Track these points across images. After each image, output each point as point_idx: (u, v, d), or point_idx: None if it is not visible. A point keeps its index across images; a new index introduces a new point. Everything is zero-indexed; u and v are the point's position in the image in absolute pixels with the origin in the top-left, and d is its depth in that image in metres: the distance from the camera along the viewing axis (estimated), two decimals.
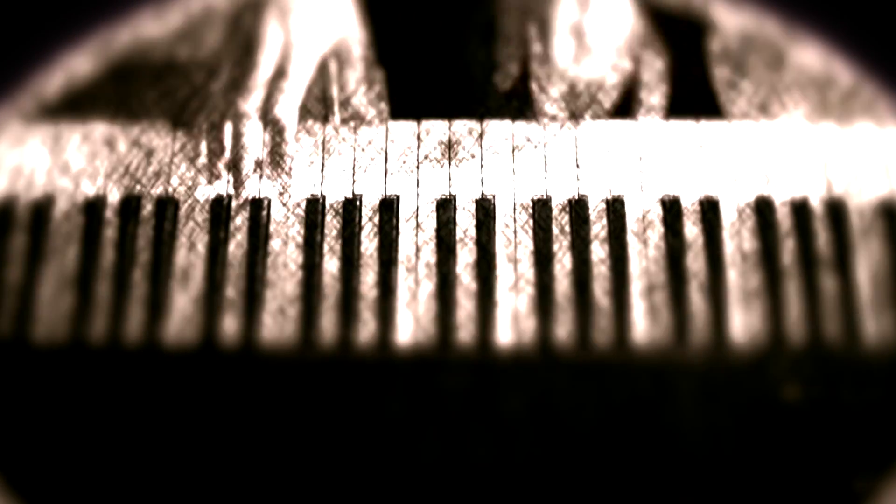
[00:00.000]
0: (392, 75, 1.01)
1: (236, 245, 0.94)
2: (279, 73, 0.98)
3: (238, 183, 0.96)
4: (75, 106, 1.00)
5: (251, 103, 0.98)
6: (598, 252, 0.93)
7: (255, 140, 0.97)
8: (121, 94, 1.00)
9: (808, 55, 1.01)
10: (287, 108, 0.97)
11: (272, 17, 1.00)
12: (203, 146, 0.97)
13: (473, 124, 0.98)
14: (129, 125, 0.99)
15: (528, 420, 0.89)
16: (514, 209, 0.95)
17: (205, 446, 0.89)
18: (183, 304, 0.92)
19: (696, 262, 0.93)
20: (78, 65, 1.01)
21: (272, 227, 0.94)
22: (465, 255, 0.94)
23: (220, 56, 1.01)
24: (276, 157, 0.96)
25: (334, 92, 0.99)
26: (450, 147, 0.97)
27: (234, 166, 0.96)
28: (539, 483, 0.88)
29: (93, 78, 1.01)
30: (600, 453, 0.89)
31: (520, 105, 0.99)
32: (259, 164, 0.97)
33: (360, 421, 0.89)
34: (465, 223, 0.95)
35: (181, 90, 1.00)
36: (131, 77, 1.01)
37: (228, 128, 0.98)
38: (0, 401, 0.90)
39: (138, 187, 0.96)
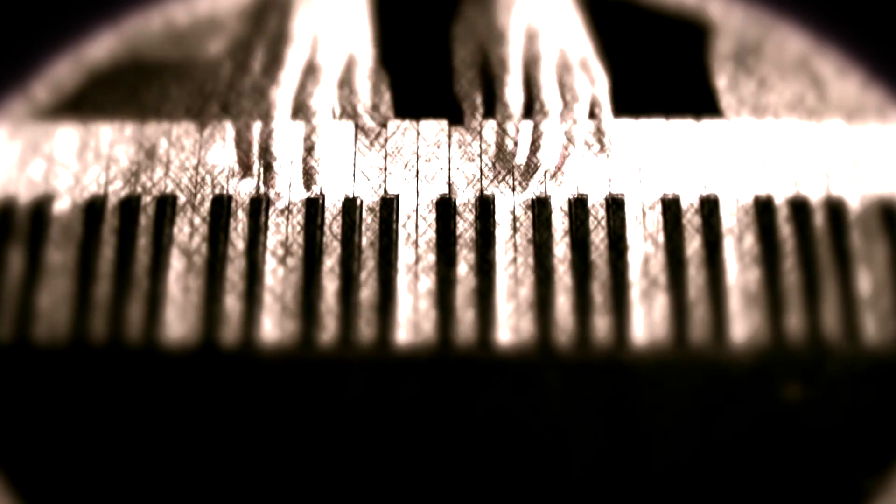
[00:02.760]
0: (393, 74, 1.01)
1: (236, 244, 0.94)
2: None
3: (238, 182, 0.96)
4: (75, 105, 1.00)
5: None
6: (598, 251, 0.93)
7: (255, 139, 0.97)
8: (120, 94, 1.00)
9: (809, 54, 1.01)
10: (284, 107, 0.97)
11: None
12: (203, 146, 0.97)
13: (473, 123, 0.98)
14: (128, 124, 0.99)
15: (528, 420, 0.89)
16: (514, 208, 0.95)
17: (205, 446, 0.89)
18: (183, 303, 0.92)
19: (695, 261, 0.93)
20: (78, 63, 1.01)
21: (272, 227, 0.94)
22: (465, 255, 0.94)
23: (222, 55, 1.00)
24: (277, 157, 0.96)
25: (334, 91, 0.99)
26: (449, 146, 0.97)
27: (235, 166, 0.96)
28: (539, 483, 0.88)
29: (93, 77, 1.01)
30: (599, 453, 0.89)
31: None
32: (258, 164, 0.97)
33: (359, 420, 0.89)
34: (465, 223, 0.95)
35: (181, 90, 1.00)
36: (131, 76, 1.01)
37: (229, 127, 0.98)
38: (1, 400, 0.90)
39: (138, 187, 0.96)
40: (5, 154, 0.98)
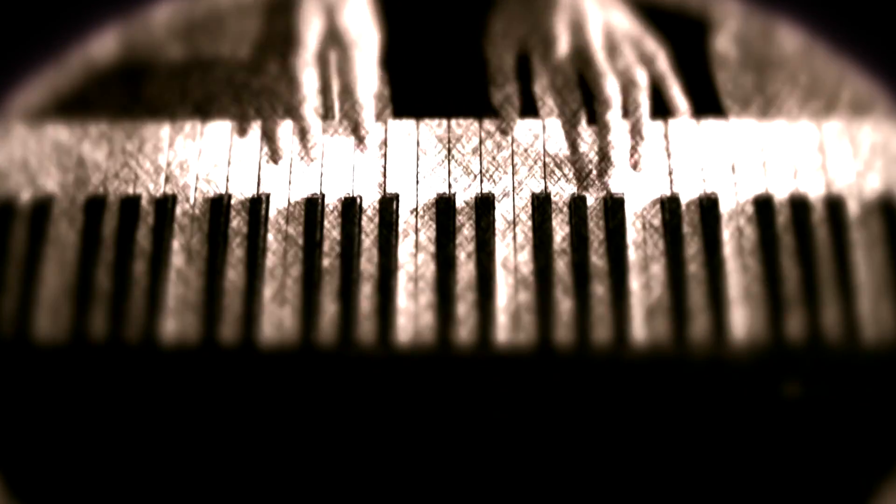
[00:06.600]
0: (392, 74, 1.01)
1: (236, 244, 0.94)
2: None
3: (239, 182, 0.96)
4: (76, 105, 1.00)
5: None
6: (598, 251, 0.93)
7: (255, 138, 0.97)
8: (121, 93, 1.00)
9: (808, 54, 1.01)
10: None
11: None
12: (203, 145, 0.97)
13: (473, 123, 0.98)
14: (129, 124, 0.99)
15: (528, 419, 0.89)
16: (514, 208, 0.95)
17: (205, 445, 0.89)
18: (183, 302, 0.92)
19: (695, 260, 0.93)
20: (78, 64, 1.01)
21: (271, 227, 0.95)
22: (465, 255, 0.94)
23: (222, 55, 1.00)
24: (278, 156, 0.96)
25: (334, 90, 0.99)
26: (449, 146, 0.98)
27: (235, 165, 0.96)
28: (539, 483, 0.88)
29: (93, 77, 1.01)
30: (600, 453, 0.89)
31: (519, 104, 0.99)
32: (259, 164, 0.97)
33: (359, 420, 0.89)
34: (465, 222, 0.95)
35: (181, 90, 1.00)
36: (133, 76, 1.01)
37: (228, 127, 0.98)
38: (0, 399, 0.90)
39: (138, 187, 0.96)
40: (6, 153, 0.98)
